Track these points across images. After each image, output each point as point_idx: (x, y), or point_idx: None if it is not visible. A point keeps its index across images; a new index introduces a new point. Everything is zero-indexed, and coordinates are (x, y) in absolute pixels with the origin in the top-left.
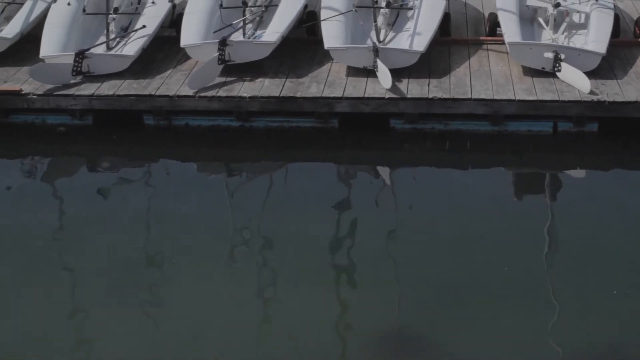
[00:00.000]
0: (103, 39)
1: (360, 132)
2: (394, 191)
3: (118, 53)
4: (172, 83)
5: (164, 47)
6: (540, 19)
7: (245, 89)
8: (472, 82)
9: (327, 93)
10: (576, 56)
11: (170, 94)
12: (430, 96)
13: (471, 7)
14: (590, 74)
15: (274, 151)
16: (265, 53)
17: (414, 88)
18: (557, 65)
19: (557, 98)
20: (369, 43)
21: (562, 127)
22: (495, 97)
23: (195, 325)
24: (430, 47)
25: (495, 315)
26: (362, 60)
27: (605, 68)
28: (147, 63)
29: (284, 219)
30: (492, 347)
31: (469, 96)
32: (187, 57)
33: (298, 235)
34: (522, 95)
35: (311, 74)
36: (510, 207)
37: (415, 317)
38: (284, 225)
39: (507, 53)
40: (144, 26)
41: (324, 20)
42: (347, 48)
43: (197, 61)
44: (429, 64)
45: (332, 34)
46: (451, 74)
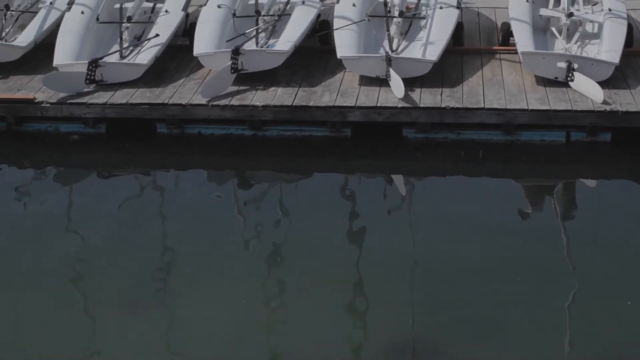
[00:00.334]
0: (116, 47)
1: (373, 141)
2: (406, 200)
3: (131, 62)
4: (185, 92)
5: (177, 56)
6: (553, 29)
7: (258, 97)
8: (485, 92)
9: (340, 102)
10: (589, 66)
11: (183, 103)
12: (443, 105)
13: (484, 17)
14: (604, 84)
15: (286, 160)
16: (278, 62)
17: (427, 97)
18: (570, 74)
19: (570, 108)
20: (381, 52)
21: (575, 136)
22: (508, 106)
23: (207, 334)
24: (443, 56)
25: (509, 326)
26: (375, 70)
27: (618, 78)
28: (160, 72)
29: (296, 228)
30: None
31: (481, 106)
32: (200, 66)
33: (310, 244)
34: (535, 105)
35: (324, 83)
36: (523, 217)
37: (428, 328)
38: (296, 234)
39: (520, 63)
40: (157, 35)
41: (336, 29)
42: (360, 57)
43: (210, 70)
44: (441, 74)
45: (344, 43)
46: (464, 83)
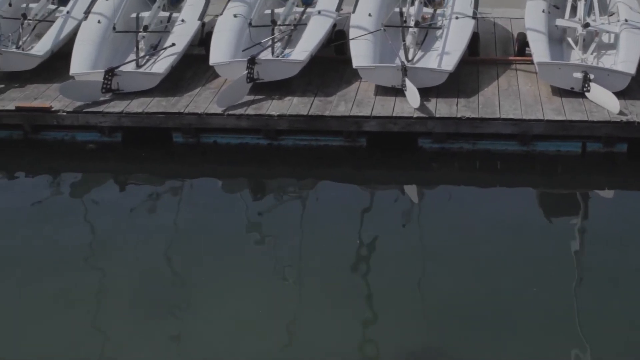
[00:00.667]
0: (133, 56)
1: (389, 151)
2: (421, 210)
3: (147, 71)
4: (200, 101)
5: (193, 65)
6: (570, 39)
7: (274, 107)
8: (501, 102)
9: (356, 112)
10: (605, 76)
11: (199, 112)
12: (459, 116)
13: (500, 27)
14: (620, 94)
15: (302, 170)
16: (294, 71)
17: (443, 107)
18: (586, 85)
19: (586, 118)
20: (397, 62)
21: (591, 147)
22: (524, 117)
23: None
24: (459, 66)
25: (522, 338)
26: (391, 80)
27: (634, 89)
28: (176, 81)
29: (312, 238)
30: None
31: (497, 116)
32: (216, 75)
33: (325, 253)
34: (550, 115)
35: (339, 93)
36: (539, 228)
37: (441, 338)
38: (311, 243)
39: (536, 73)
40: (173, 44)
41: (352, 39)
42: (376, 67)
43: (226, 79)
44: (457, 84)
45: (360, 53)
46: (480, 93)
